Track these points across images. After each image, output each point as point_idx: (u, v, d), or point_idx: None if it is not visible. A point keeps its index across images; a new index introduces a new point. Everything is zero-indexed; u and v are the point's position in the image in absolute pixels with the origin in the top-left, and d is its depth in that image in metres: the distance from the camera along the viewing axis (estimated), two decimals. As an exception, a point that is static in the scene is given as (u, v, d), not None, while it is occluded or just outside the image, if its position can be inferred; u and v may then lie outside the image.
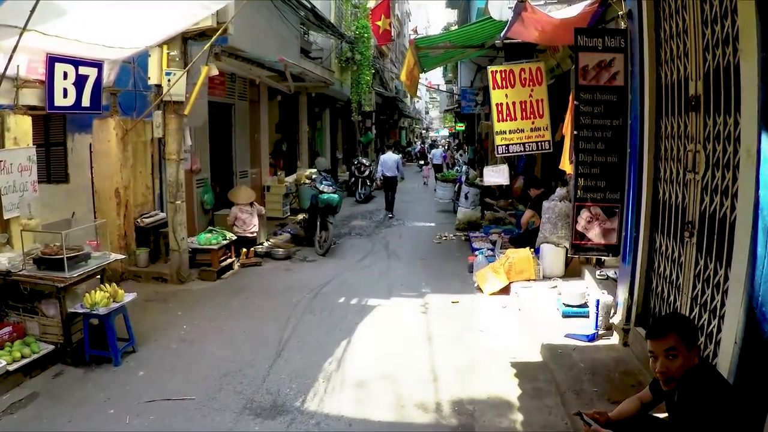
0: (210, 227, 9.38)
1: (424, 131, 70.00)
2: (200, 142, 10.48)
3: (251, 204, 9.99)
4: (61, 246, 5.68)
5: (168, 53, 8.25)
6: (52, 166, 10.25)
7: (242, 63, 10.55)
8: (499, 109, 7.80)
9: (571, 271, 8.04)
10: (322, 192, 10.30)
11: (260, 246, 10.42)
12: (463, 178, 15.73)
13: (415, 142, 51.04)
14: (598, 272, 7.40)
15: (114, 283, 6.12)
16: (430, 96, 71.96)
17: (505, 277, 7.71)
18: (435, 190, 16.97)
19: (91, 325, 5.79)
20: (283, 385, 5.16)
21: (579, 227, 5.71)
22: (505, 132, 7.85)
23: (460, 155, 26.64)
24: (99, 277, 6.21)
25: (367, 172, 18.30)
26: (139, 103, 8.92)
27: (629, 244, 5.36)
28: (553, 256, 7.91)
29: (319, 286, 8.25)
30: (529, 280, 7.78)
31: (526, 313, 6.82)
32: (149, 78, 8.33)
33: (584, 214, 5.67)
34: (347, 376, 5.33)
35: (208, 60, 8.44)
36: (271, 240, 11.19)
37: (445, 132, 61.47)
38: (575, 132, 5.59)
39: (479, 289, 7.93)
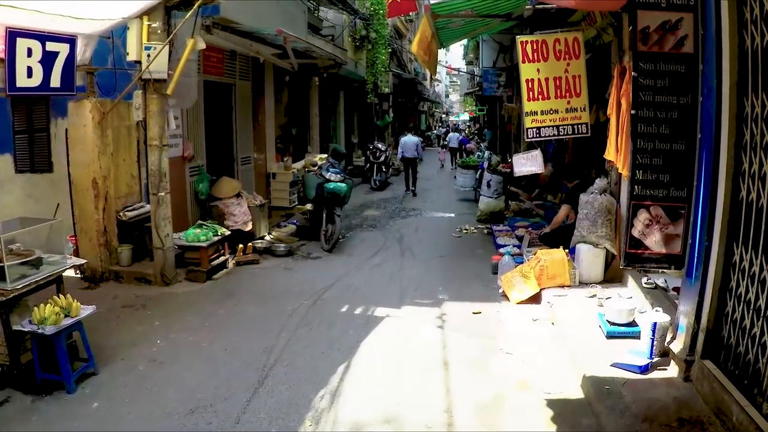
0: (200, 221, 8.38)
1: (444, 115, 68.58)
2: (194, 126, 9.48)
3: (238, 195, 8.99)
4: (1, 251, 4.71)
5: (149, 25, 7.21)
6: (36, 155, 9.39)
7: (240, 38, 9.48)
8: (530, 86, 6.65)
9: (611, 275, 6.93)
10: (328, 180, 9.23)
11: (260, 240, 9.42)
12: (485, 165, 14.61)
13: (436, 126, 49.69)
14: (644, 279, 6.28)
15: (69, 295, 5.13)
16: (450, 80, 70.62)
17: (536, 283, 6.61)
18: (455, 177, 15.83)
19: (43, 344, 4.84)
20: (260, 426, 4.14)
21: (635, 232, 4.57)
22: (536, 113, 6.71)
23: (477, 143, 25.32)
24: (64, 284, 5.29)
25: (382, 158, 17.19)
26: (121, 82, 7.88)
27: (697, 255, 4.23)
28: (592, 258, 6.79)
29: (320, 289, 7.22)
30: (563, 287, 6.69)
31: (562, 329, 5.72)
32: (128, 54, 7.30)
33: (642, 216, 4.53)
34: (341, 415, 4.29)
35: (194, 32, 7.39)
36: (273, 233, 10.19)
37: (466, 116, 60.15)
38: (633, 111, 4.45)
39: (505, 296, 6.84)
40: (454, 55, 50.70)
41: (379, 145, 17.68)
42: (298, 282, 7.60)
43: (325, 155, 14.38)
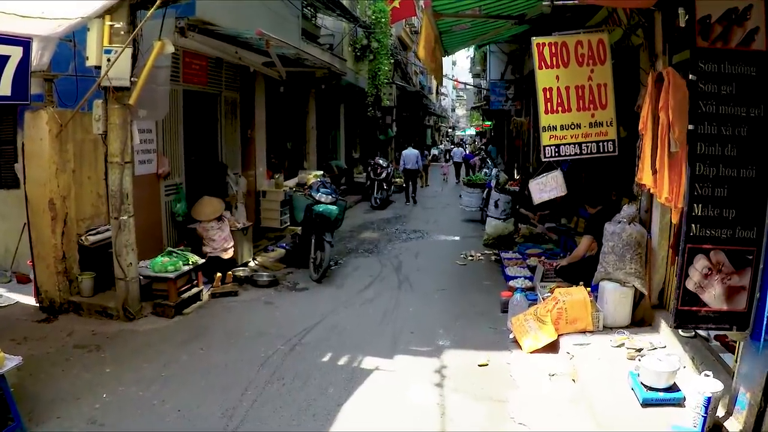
0: (170, 249, 7.41)
1: (450, 130, 67.74)
2: (172, 140, 8.56)
3: (219, 218, 8.05)
4: None
5: (111, 26, 6.31)
6: (2, 169, 8.49)
7: (221, 43, 8.57)
8: (548, 96, 5.72)
9: (639, 317, 5.93)
10: (318, 202, 8.27)
11: (242, 268, 8.46)
12: (493, 183, 13.63)
13: (442, 141, 48.84)
14: (686, 332, 5.29)
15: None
16: (456, 94, 69.91)
17: (552, 328, 5.60)
18: (460, 196, 14.86)
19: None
20: None
21: (691, 284, 3.57)
22: (554, 128, 5.77)
23: (480, 159, 24.30)
24: None
25: (384, 174, 16.24)
26: (83, 90, 6.99)
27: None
28: (618, 299, 5.79)
29: (301, 331, 6.23)
30: (584, 332, 5.69)
31: (585, 389, 4.71)
32: (87, 58, 6.40)
33: (700, 264, 3.52)
34: None
35: (160, 34, 6.49)
36: (258, 258, 9.23)
37: (472, 131, 59.42)
38: (691, 127, 3.49)
39: (516, 343, 5.82)
40: (460, 68, 49.98)
41: (381, 161, 16.72)
42: (278, 320, 6.62)
43: (321, 172, 13.50)
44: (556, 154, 5.80)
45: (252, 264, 8.98)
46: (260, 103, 11.57)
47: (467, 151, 30.72)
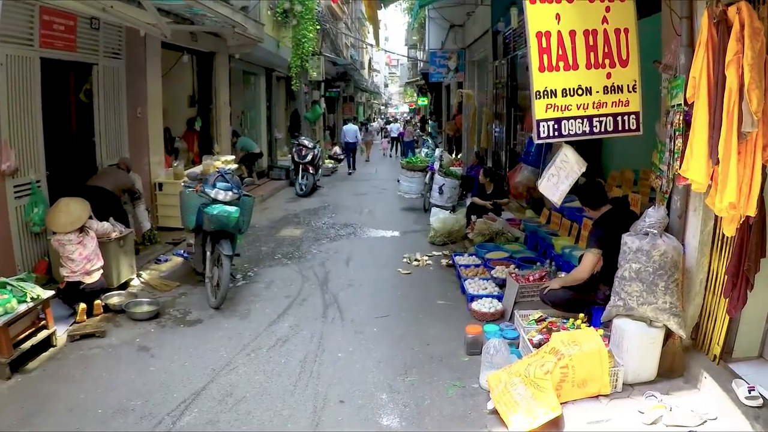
0: (4, 279, 5.06)
1: (382, 107, 65.75)
2: (22, 124, 6.17)
3: (81, 229, 5.76)
4: None
5: None
6: None
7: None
8: (543, 44, 3.81)
9: (666, 367, 4.14)
10: (215, 201, 6.06)
11: (117, 293, 6.20)
12: (436, 165, 11.73)
13: (375, 119, 46.84)
14: (742, 391, 3.56)
15: None
16: (389, 71, 67.98)
17: (554, 396, 3.69)
18: (398, 181, 12.86)
19: None
20: None
21: None
22: (553, 93, 3.87)
23: (420, 136, 22.57)
24: None
25: (310, 157, 14.03)
26: None
27: None
28: (646, 345, 3.99)
29: (179, 405, 4.11)
30: (598, 396, 3.84)
31: None
32: None
33: None
34: None
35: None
36: (144, 274, 6.97)
37: (405, 107, 57.87)
38: None
39: (497, 416, 3.88)
40: (394, 42, 47.90)
41: (306, 142, 14.48)
42: (151, 382, 4.45)
43: (232, 157, 11.22)
44: (555, 133, 3.88)
45: (136, 282, 6.73)
46: (155, 74, 9.19)
47: (402, 129, 28.87)
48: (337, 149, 21.13)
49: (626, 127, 3.99)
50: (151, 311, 5.79)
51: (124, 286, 6.50)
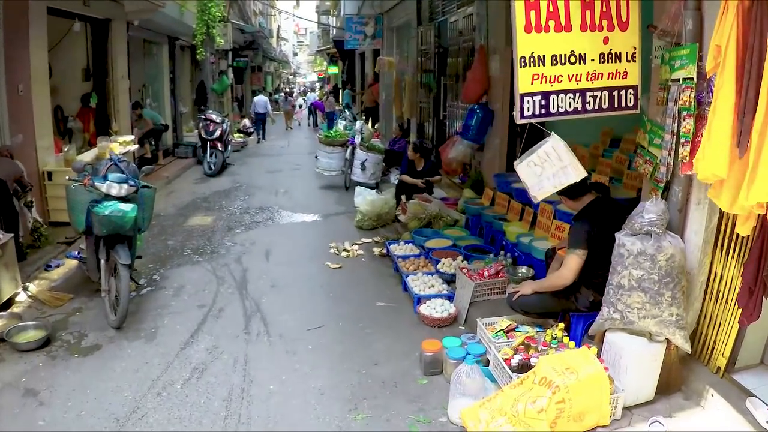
0: None
1: (291, 76, 63.62)
2: None
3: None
4: None
5: None
6: None
7: None
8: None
9: (664, 380, 3.52)
10: (107, 197, 4.89)
11: (-7, 312, 4.96)
12: (357, 139, 10.85)
13: (283, 89, 45.00)
14: (762, 414, 3.02)
15: None
16: (297, 39, 65.82)
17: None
18: (316, 157, 11.85)
19: None
20: None
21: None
22: (541, 60, 3.09)
23: (339, 106, 21.49)
24: None
25: (218, 132, 12.73)
26: None
27: None
28: (648, 363, 3.37)
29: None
30: (596, 428, 3.16)
31: None
32: None
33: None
34: None
35: None
36: (32, 286, 5.67)
37: (314, 76, 56.42)
38: None
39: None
40: (305, 9, 45.97)
41: (213, 116, 13.13)
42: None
43: (132, 137, 9.81)
44: (542, 111, 3.10)
45: (22, 297, 5.45)
46: (39, 45, 7.64)
47: (317, 98, 27.69)
48: (246, 122, 19.82)
49: (623, 104, 3.27)
50: (39, 338, 4.58)
51: (7, 304, 5.22)
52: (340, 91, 24.84)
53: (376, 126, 17.16)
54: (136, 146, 10.26)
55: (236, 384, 3.97)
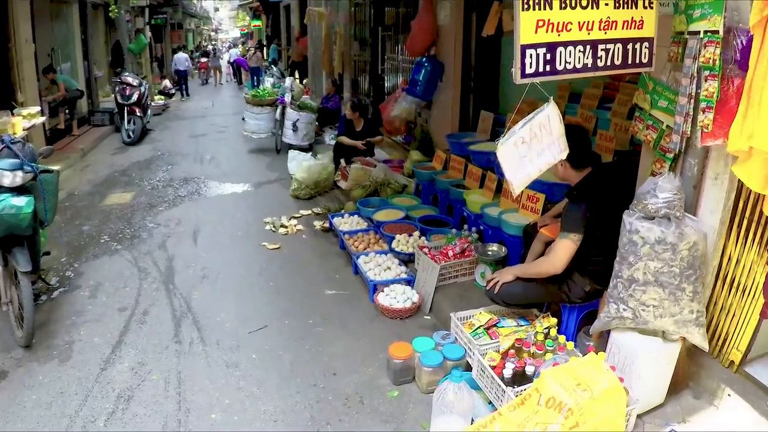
0: None
1: (213, 33, 60.51)
2: None
3: None
4: None
5: None
6: None
7: None
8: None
9: (673, 381, 3.04)
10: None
11: None
12: (287, 98, 9.97)
13: (204, 45, 42.61)
14: None
15: None
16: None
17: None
18: (243, 119, 10.87)
19: None
20: None
21: None
22: (548, 2, 2.35)
23: (267, 66, 20.09)
24: None
25: (135, 96, 11.48)
26: None
27: None
28: (661, 365, 2.85)
29: None
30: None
31: None
32: None
33: None
34: None
35: None
36: None
37: (237, 32, 54.00)
38: None
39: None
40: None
41: (130, 78, 11.80)
42: None
43: (38, 109, 8.51)
44: (547, 68, 2.44)
45: None
46: None
47: (239, 55, 26.13)
48: (167, 83, 18.43)
49: (637, 60, 2.65)
50: None
51: None
52: (265, 48, 23.40)
53: (305, 82, 16.19)
54: (45, 117, 9.00)
55: (170, 414, 3.23)
